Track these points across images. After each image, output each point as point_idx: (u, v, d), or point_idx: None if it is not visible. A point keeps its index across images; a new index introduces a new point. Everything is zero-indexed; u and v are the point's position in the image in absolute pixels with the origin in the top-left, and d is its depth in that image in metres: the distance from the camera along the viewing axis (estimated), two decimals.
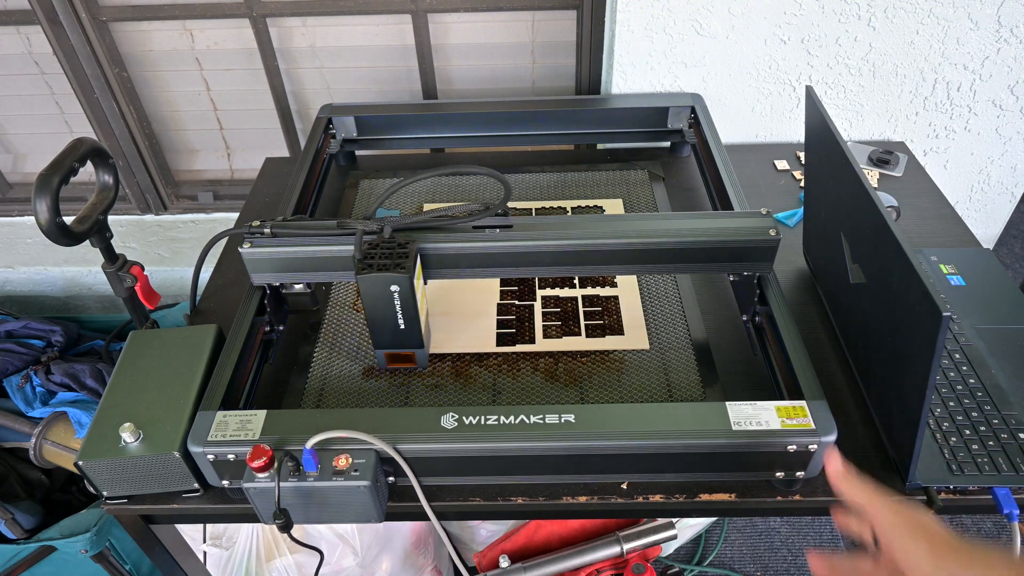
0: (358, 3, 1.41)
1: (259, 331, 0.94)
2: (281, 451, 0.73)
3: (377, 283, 0.83)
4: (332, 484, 0.72)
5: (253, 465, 0.72)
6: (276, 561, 1.24)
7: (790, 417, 0.75)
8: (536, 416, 0.76)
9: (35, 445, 1.37)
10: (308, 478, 0.73)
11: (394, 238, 0.87)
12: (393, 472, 0.78)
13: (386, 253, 0.85)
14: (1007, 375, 0.90)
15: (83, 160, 0.94)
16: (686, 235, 0.89)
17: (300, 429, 0.75)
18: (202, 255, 1.00)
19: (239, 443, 0.75)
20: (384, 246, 0.86)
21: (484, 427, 0.75)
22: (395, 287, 0.83)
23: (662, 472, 0.80)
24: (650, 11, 1.25)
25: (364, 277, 0.82)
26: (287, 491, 0.73)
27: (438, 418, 0.76)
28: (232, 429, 0.76)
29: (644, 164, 1.33)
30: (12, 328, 1.54)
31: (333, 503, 0.75)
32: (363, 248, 0.85)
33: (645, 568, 1.31)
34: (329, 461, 0.73)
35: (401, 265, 0.83)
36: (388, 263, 0.83)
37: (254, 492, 0.73)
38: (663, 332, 1.00)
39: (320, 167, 1.24)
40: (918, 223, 1.21)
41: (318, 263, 0.91)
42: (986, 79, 1.33)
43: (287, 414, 0.78)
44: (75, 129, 1.65)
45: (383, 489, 0.78)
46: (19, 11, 1.44)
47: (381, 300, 0.85)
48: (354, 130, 1.31)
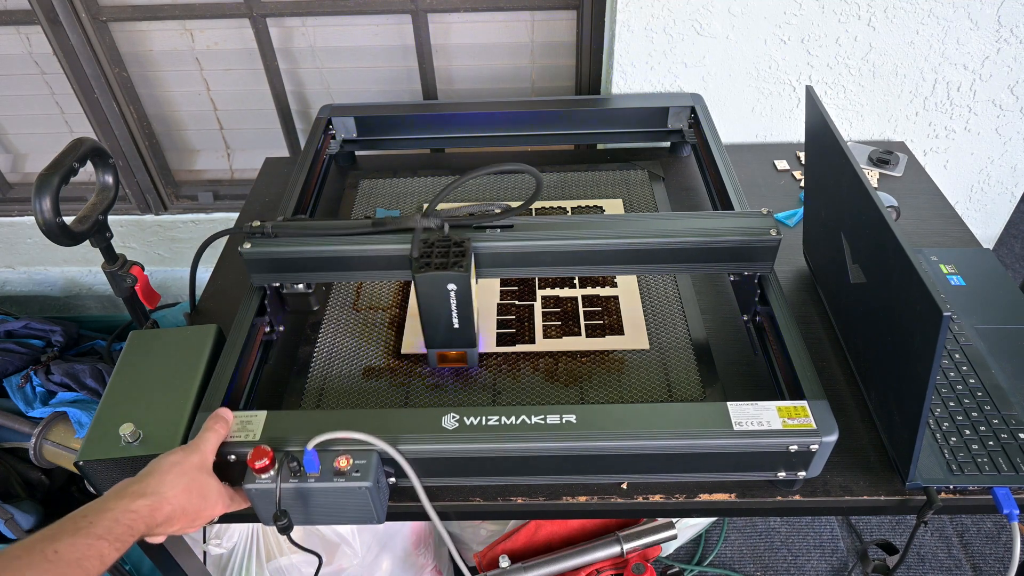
0: (358, 3, 1.41)
1: (259, 331, 0.93)
2: (282, 452, 0.73)
3: (435, 282, 0.82)
4: (333, 485, 0.72)
5: (255, 466, 0.72)
6: (276, 561, 1.24)
7: (791, 417, 0.75)
8: (537, 416, 0.76)
9: (35, 445, 1.37)
10: (309, 479, 0.72)
11: (450, 236, 0.86)
12: (394, 473, 0.78)
13: (442, 251, 0.83)
14: (1007, 375, 0.90)
15: (83, 160, 0.94)
16: (689, 235, 0.89)
17: (301, 430, 0.75)
18: (197, 254, 1.00)
19: (240, 444, 0.75)
20: (439, 244, 0.84)
21: (485, 428, 0.75)
22: (452, 286, 0.82)
23: (663, 472, 0.80)
24: (650, 11, 1.25)
25: (422, 276, 0.81)
26: (288, 492, 0.73)
27: (439, 419, 0.76)
28: (232, 430, 0.76)
29: (644, 164, 1.33)
30: (12, 328, 1.54)
31: (334, 504, 0.74)
32: (420, 246, 0.84)
33: (645, 568, 1.31)
34: (330, 462, 0.73)
35: (459, 264, 0.82)
36: (445, 261, 0.82)
37: (255, 493, 0.73)
38: (663, 332, 1.00)
39: (320, 167, 1.24)
40: (918, 223, 1.21)
41: (321, 263, 0.90)
42: (986, 79, 1.33)
43: (288, 415, 0.78)
44: (75, 129, 1.65)
45: (384, 490, 0.78)
46: (19, 11, 1.44)
47: (437, 299, 0.84)
48: (354, 130, 1.31)
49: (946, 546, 1.64)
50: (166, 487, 0.67)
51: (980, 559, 1.62)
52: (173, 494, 0.67)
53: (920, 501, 0.80)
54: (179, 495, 0.67)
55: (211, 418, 0.75)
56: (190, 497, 0.68)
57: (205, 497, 0.70)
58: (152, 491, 0.66)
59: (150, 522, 0.64)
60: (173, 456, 0.70)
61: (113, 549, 0.61)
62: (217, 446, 0.73)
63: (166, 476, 0.67)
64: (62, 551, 0.58)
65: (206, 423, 0.74)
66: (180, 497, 0.67)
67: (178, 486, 0.67)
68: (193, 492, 0.69)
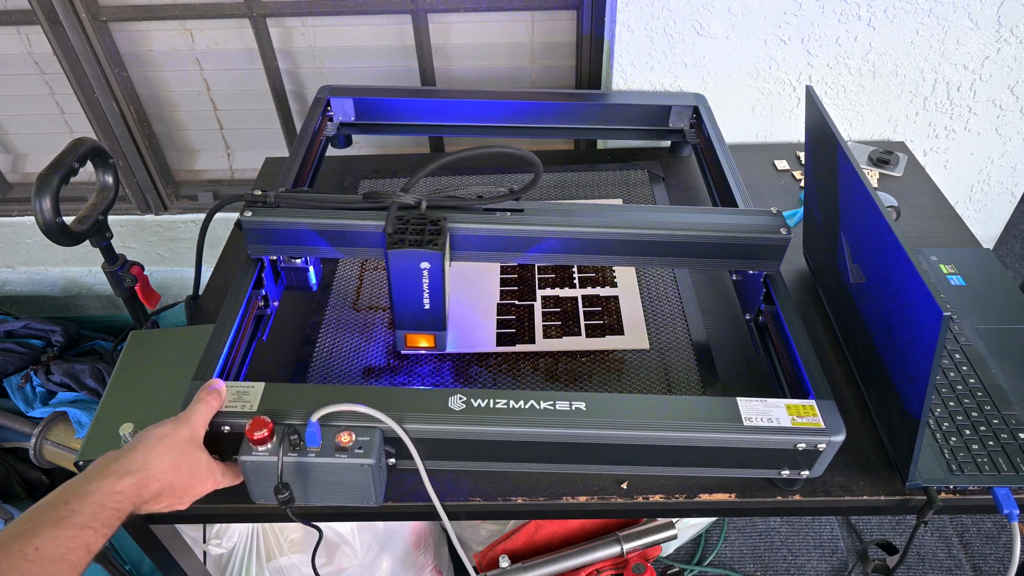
0: (358, 3, 1.41)
1: (253, 305, 0.90)
2: (282, 424, 0.71)
3: (408, 259, 0.80)
4: (335, 461, 0.70)
5: (253, 437, 0.68)
6: (276, 561, 1.24)
7: (800, 415, 0.75)
8: (547, 402, 0.74)
9: (35, 445, 1.37)
10: (309, 453, 0.70)
11: (426, 214, 0.84)
12: (395, 454, 0.76)
13: (417, 229, 0.82)
14: (1007, 375, 0.90)
15: (83, 160, 0.94)
16: (701, 229, 0.88)
17: (300, 403, 0.72)
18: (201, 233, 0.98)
19: (236, 415, 0.71)
20: (415, 222, 0.83)
21: (493, 410, 0.74)
22: (425, 264, 0.81)
23: (668, 466, 0.80)
24: (650, 11, 1.25)
25: (395, 252, 0.79)
26: (286, 467, 0.70)
27: (446, 399, 0.74)
28: (228, 400, 0.73)
29: (644, 164, 1.33)
30: (12, 328, 1.54)
31: (332, 482, 0.72)
32: (394, 222, 0.82)
33: (645, 568, 1.31)
34: (332, 437, 0.70)
35: (434, 242, 0.80)
36: (420, 239, 0.81)
37: (251, 466, 0.69)
38: (663, 332, 1.00)
39: (317, 147, 1.21)
40: (918, 223, 1.21)
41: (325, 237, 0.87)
42: (986, 79, 1.33)
43: (286, 387, 0.75)
44: (75, 129, 1.65)
45: (383, 471, 0.76)
46: (19, 11, 1.44)
47: (409, 277, 0.82)
48: (352, 114, 1.29)
49: (946, 546, 1.64)
50: (153, 462, 0.63)
51: (980, 559, 1.62)
52: (161, 470, 0.63)
53: (920, 501, 0.80)
54: (167, 471, 0.63)
55: (202, 389, 0.71)
56: (179, 473, 0.65)
57: (194, 473, 0.67)
58: (138, 467, 0.62)
59: (137, 501, 0.61)
60: (161, 428, 0.66)
61: (100, 536, 0.57)
62: (208, 419, 0.69)
63: (153, 450, 0.63)
64: (44, 547, 0.54)
65: (197, 394, 0.70)
66: (168, 473, 0.63)
67: (166, 461, 0.64)
68: (182, 467, 0.65)
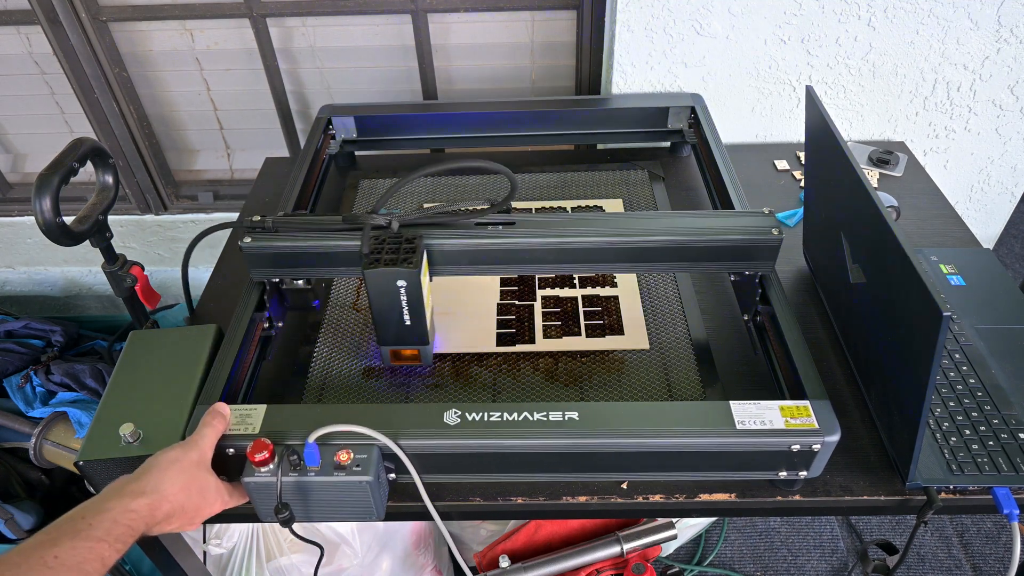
0: (358, 3, 1.41)
1: (258, 327, 0.93)
2: (282, 445, 0.73)
3: (384, 278, 0.82)
4: (334, 479, 0.72)
5: (254, 459, 0.71)
6: (276, 561, 1.24)
7: (793, 417, 0.75)
8: (540, 413, 0.76)
9: (35, 445, 1.37)
10: (309, 472, 0.72)
11: (401, 233, 0.86)
12: (394, 469, 0.78)
13: (393, 248, 0.84)
14: (1007, 375, 0.90)
15: (83, 160, 0.94)
16: (690, 234, 0.88)
17: (301, 424, 0.75)
18: (188, 251, 1.00)
19: (239, 437, 0.74)
20: (391, 241, 0.85)
21: (487, 424, 0.75)
22: (402, 282, 0.83)
23: (665, 471, 0.80)
24: (650, 11, 1.25)
25: (371, 272, 0.82)
26: (287, 487, 0.72)
27: (441, 414, 0.76)
28: (232, 423, 0.75)
29: (644, 164, 1.33)
30: (12, 328, 1.54)
31: (333, 500, 0.74)
32: (370, 242, 0.85)
33: (645, 568, 1.31)
34: (330, 456, 0.72)
35: (408, 260, 0.82)
36: (395, 258, 0.82)
37: (254, 487, 0.72)
38: (663, 332, 1.00)
39: (319, 167, 1.23)
40: (918, 223, 1.21)
41: (320, 259, 0.90)
42: (986, 79, 1.33)
43: (287, 409, 0.77)
44: (75, 129, 1.65)
45: (384, 486, 0.77)
46: (19, 11, 1.44)
47: (387, 295, 0.84)
48: (354, 131, 1.31)
49: (946, 546, 1.64)
50: (165, 485, 0.66)
51: (980, 559, 1.62)
52: (172, 492, 0.66)
53: (920, 501, 0.80)
54: (178, 493, 0.67)
55: (208, 413, 0.74)
56: (189, 495, 0.68)
57: (204, 495, 0.70)
58: (151, 489, 0.65)
59: (149, 521, 0.64)
60: (172, 453, 0.69)
61: (114, 550, 0.61)
62: (215, 442, 0.73)
63: (165, 473, 0.67)
64: (62, 556, 0.58)
65: (204, 419, 0.74)
66: (179, 495, 0.67)
67: (177, 484, 0.67)
68: (192, 490, 0.68)
